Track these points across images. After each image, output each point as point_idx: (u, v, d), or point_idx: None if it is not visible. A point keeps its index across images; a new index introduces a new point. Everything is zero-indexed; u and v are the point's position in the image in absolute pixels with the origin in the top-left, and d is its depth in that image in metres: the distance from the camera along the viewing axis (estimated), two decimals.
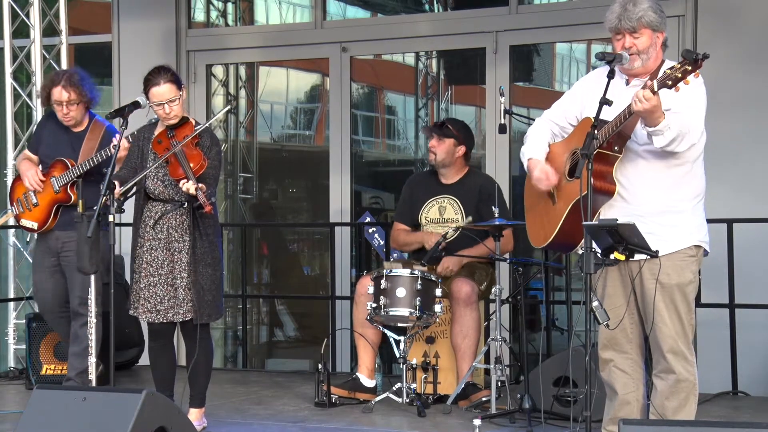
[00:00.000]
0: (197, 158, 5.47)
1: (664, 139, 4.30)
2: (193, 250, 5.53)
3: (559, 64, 9.09)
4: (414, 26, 8.54)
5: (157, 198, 5.61)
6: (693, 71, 4.13)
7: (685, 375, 4.50)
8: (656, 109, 4.22)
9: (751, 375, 7.00)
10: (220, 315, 5.79)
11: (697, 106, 4.43)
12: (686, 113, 4.36)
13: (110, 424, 4.30)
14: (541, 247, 4.80)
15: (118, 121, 5.60)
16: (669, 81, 4.16)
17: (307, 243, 9.93)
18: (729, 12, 7.39)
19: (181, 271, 5.55)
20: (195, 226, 5.53)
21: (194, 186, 5.30)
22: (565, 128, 4.76)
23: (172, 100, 5.53)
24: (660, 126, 4.26)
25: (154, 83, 5.53)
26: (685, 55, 4.13)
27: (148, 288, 5.59)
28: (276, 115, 9.89)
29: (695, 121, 4.39)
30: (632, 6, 4.45)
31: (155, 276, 5.58)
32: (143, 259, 5.61)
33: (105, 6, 9.34)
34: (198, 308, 5.51)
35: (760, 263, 7.05)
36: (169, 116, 5.56)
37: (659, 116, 4.25)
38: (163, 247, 5.58)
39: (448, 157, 6.60)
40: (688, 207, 4.53)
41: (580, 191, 4.29)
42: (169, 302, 5.56)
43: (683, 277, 4.50)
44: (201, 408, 5.73)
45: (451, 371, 6.44)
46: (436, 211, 6.65)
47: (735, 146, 7.14)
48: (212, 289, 5.58)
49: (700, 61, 4.12)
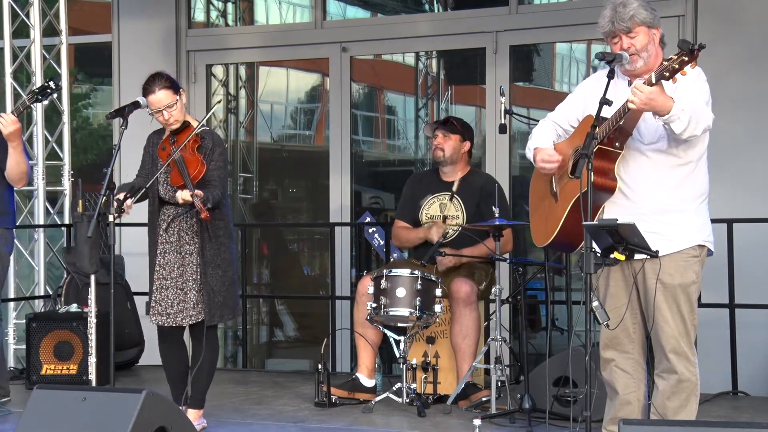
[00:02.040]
0: (195, 163, 5.47)
1: (681, 123, 4.21)
2: (202, 252, 5.53)
3: (559, 64, 9.09)
4: (414, 26, 8.54)
5: (169, 202, 5.63)
6: (690, 62, 4.11)
7: (687, 375, 4.49)
8: (657, 97, 4.16)
9: (751, 375, 7.00)
10: (235, 315, 5.80)
11: (702, 96, 4.39)
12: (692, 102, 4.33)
13: (110, 424, 4.30)
14: (543, 245, 4.79)
15: (118, 121, 5.60)
16: (666, 72, 4.12)
17: (307, 243, 9.93)
18: (729, 12, 7.39)
19: (192, 274, 5.56)
20: (204, 229, 5.53)
21: (189, 194, 5.31)
22: (567, 130, 4.75)
23: (169, 106, 5.53)
24: (673, 111, 4.19)
25: (149, 91, 5.54)
26: (681, 45, 4.10)
27: (160, 291, 5.60)
28: (276, 115, 9.89)
29: (701, 106, 4.36)
30: (622, 7, 4.44)
31: (168, 279, 5.60)
32: (157, 263, 5.63)
33: (105, 6, 9.34)
34: (208, 310, 5.52)
35: (760, 263, 7.05)
36: (169, 122, 5.57)
37: (666, 101, 4.17)
38: (174, 250, 5.59)
39: (455, 153, 6.60)
40: (691, 206, 4.52)
41: (580, 189, 4.29)
42: (178, 306, 5.57)
43: (686, 278, 4.49)
44: (199, 410, 5.72)
45: (451, 371, 6.44)
46: (437, 208, 6.64)
47: (735, 146, 7.14)
48: (222, 290, 5.58)
49: (696, 51, 4.08)
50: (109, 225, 5.22)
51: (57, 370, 6.96)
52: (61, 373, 6.92)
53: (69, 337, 6.98)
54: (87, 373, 6.58)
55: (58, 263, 8.38)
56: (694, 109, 4.26)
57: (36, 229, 8.11)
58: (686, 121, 4.22)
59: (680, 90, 4.28)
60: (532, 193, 4.87)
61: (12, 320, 8.00)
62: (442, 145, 6.60)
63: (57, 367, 6.97)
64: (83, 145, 10.38)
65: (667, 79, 4.14)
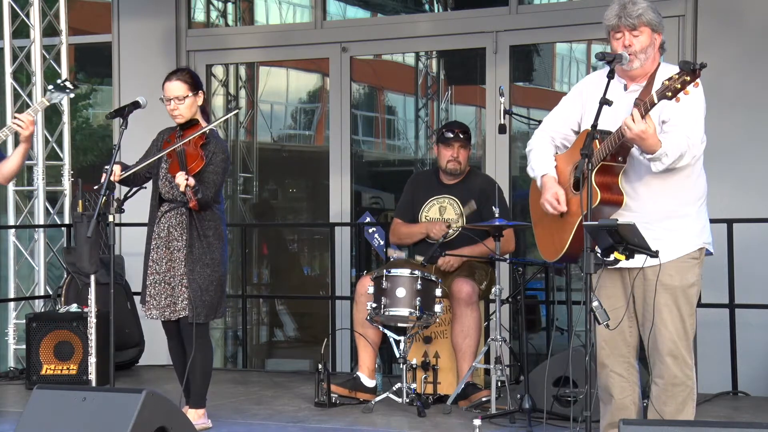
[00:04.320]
0: (194, 157, 5.53)
1: (661, 165, 4.32)
2: (190, 248, 5.57)
3: (559, 64, 9.09)
4: (414, 26, 8.54)
5: (166, 199, 5.68)
6: (692, 81, 4.13)
7: (683, 379, 4.48)
8: (647, 136, 4.22)
9: (751, 375, 6.99)
10: (218, 316, 5.80)
11: (696, 116, 4.41)
12: (685, 125, 4.35)
13: (110, 424, 4.30)
14: (554, 261, 4.76)
15: (117, 121, 5.62)
16: (669, 92, 4.15)
17: (307, 243, 9.93)
18: (729, 12, 7.39)
19: (179, 270, 5.60)
20: (193, 227, 5.57)
21: (183, 176, 5.33)
22: (567, 136, 4.71)
23: (179, 98, 5.60)
24: (657, 154, 4.27)
25: (167, 79, 5.69)
26: (683, 66, 4.13)
27: (153, 285, 5.67)
28: (276, 115, 9.89)
29: (694, 133, 4.38)
30: (632, 5, 4.45)
31: (158, 274, 5.66)
32: (151, 258, 5.69)
33: (105, 6, 9.34)
34: (194, 307, 5.53)
35: (760, 263, 7.05)
36: (174, 113, 5.65)
37: (654, 144, 4.25)
38: (164, 245, 5.65)
39: (466, 163, 6.63)
40: (692, 210, 4.52)
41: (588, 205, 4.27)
42: (165, 300, 5.63)
43: (686, 280, 4.49)
44: (198, 409, 5.71)
45: (451, 371, 6.44)
46: (436, 211, 6.65)
47: (735, 146, 7.14)
48: (210, 290, 5.60)
49: (698, 70, 4.12)
50: (109, 225, 5.23)
51: (57, 370, 6.96)
52: (61, 373, 6.93)
53: (69, 337, 6.98)
54: (87, 373, 6.58)
55: (58, 263, 8.38)
56: (681, 148, 4.31)
57: (36, 229, 8.11)
58: (666, 165, 4.32)
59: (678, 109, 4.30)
60: (534, 203, 4.83)
61: (12, 320, 8.00)
62: (459, 158, 6.58)
63: (57, 367, 6.97)
64: (83, 146, 10.38)
65: (670, 98, 4.15)
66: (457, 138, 6.58)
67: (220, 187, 5.66)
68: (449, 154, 6.57)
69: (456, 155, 6.56)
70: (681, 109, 4.30)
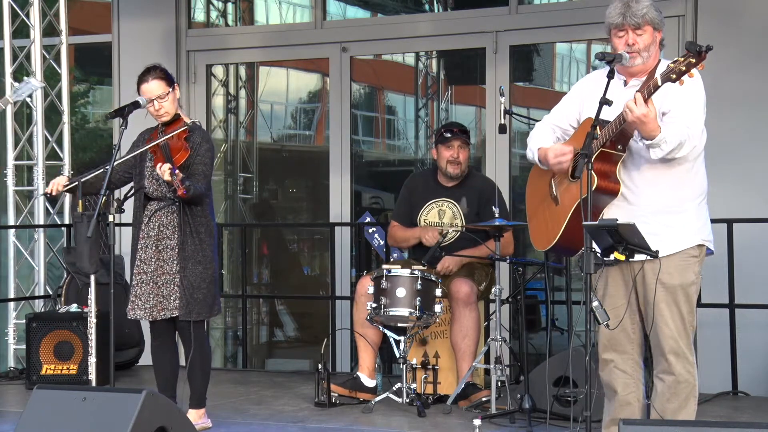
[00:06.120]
0: (179, 148, 5.51)
1: (660, 152, 4.30)
2: (182, 246, 5.55)
3: (559, 64, 9.09)
4: (414, 26, 8.54)
5: (154, 197, 5.64)
6: (697, 64, 4.13)
7: (686, 376, 4.49)
8: (649, 120, 4.22)
9: (751, 375, 6.99)
10: (213, 314, 5.77)
11: (697, 107, 4.42)
12: (686, 116, 4.36)
13: (110, 424, 4.30)
14: (545, 250, 4.77)
15: (117, 121, 5.61)
16: (673, 75, 4.15)
17: (307, 243, 9.93)
18: (729, 12, 7.39)
19: (169, 268, 5.57)
20: (185, 224, 5.55)
21: (168, 167, 5.31)
22: (566, 131, 4.74)
23: (160, 97, 5.57)
24: (656, 140, 4.27)
25: (143, 80, 5.61)
26: (689, 47, 4.13)
27: (140, 285, 5.63)
28: (276, 115, 9.89)
29: (695, 124, 4.38)
30: (635, 3, 4.46)
31: (146, 273, 5.63)
32: (138, 257, 5.66)
33: (105, 6, 9.34)
34: (187, 305, 5.52)
35: (760, 263, 7.05)
36: (160, 113, 5.62)
37: (654, 129, 4.24)
38: (153, 244, 5.62)
39: (466, 164, 6.61)
40: (691, 206, 4.52)
41: (580, 194, 4.28)
42: (154, 299, 5.59)
43: (686, 278, 4.49)
44: (199, 409, 5.71)
45: (451, 371, 6.44)
46: (435, 214, 6.64)
47: (735, 146, 7.14)
48: (203, 287, 5.58)
49: (704, 53, 4.11)
50: (109, 225, 5.23)
51: (57, 370, 6.96)
52: (61, 373, 6.93)
53: (69, 337, 6.99)
54: (87, 373, 6.58)
55: (58, 263, 8.38)
56: (681, 136, 4.30)
57: (36, 229, 8.11)
58: (666, 152, 4.30)
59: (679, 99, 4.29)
60: (530, 196, 4.85)
61: (12, 320, 8.00)
62: (459, 158, 6.54)
63: (57, 367, 6.98)
64: (82, 144, 10.38)
65: (674, 81, 4.15)
66: (457, 136, 6.56)
67: (209, 178, 5.65)
68: (449, 155, 6.56)
69: (456, 155, 6.54)
70: (681, 100, 4.31)
